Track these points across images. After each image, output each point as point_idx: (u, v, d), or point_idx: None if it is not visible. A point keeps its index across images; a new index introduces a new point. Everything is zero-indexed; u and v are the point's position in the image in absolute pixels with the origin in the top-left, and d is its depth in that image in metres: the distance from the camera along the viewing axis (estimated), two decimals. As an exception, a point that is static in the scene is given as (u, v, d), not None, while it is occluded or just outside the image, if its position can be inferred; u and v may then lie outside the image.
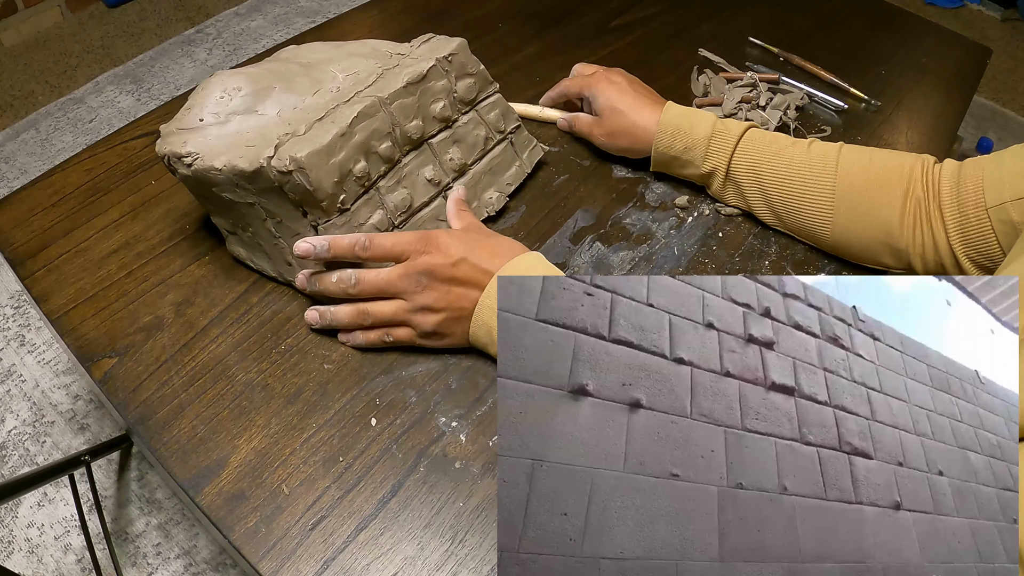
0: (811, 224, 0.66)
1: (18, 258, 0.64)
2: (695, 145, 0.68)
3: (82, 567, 1.09)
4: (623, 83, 0.72)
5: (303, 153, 0.53)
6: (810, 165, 0.65)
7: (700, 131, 0.67)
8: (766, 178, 0.66)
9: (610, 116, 0.71)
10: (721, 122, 0.68)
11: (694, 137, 0.68)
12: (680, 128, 0.68)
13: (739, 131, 0.67)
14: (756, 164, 0.67)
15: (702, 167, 0.69)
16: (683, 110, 0.69)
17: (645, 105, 0.70)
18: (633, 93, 0.71)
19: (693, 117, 0.68)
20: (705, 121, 0.68)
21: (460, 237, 0.56)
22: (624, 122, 0.70)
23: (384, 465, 0.52)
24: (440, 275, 0.54)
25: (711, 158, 0.68)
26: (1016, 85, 2.22)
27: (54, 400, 1.27)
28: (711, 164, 0.68)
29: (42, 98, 1.87)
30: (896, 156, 0.65)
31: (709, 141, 0.67)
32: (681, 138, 0.68)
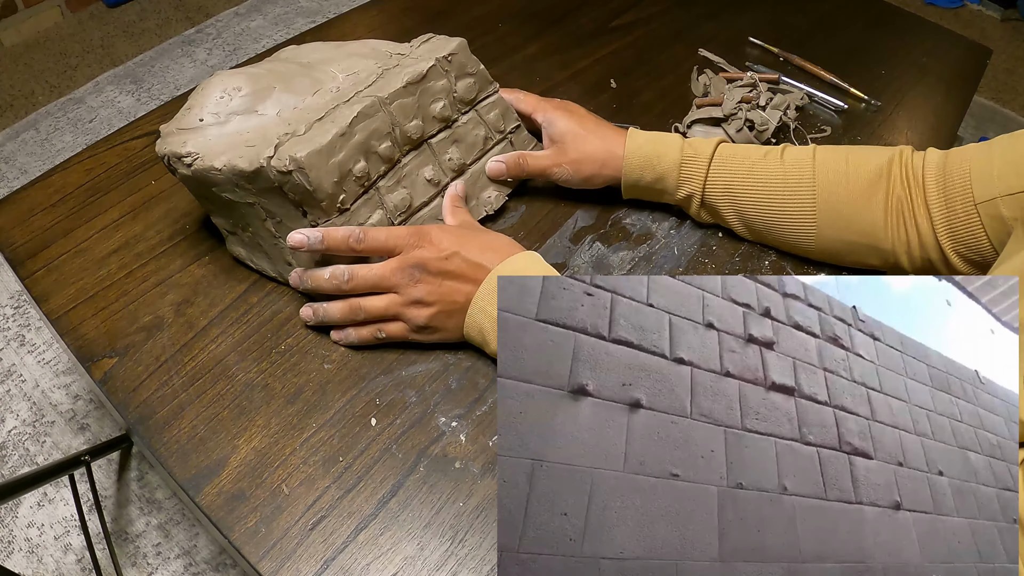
0: (793, 237, 0.65)
1: (18, 258, 0.64)
2: (666, 174, 0.65)
3: (82, 567, 1.09)
4: (582, 112, 0.69)
5: (303, 153, 0.53)
6: (786, 178, 0.63)
7: (669, 159, 0.65)
8: (742, 197, 0.65)
9: (573, 142, 0.66)
10: (688, 144, 0.65)
11: (664, 166, 0.65)
12: (648, 157, 0.65)
13: (708, 152, 0.65)
14: (730, 184, 0.65)
15: (676, 194, 0.67)
16: (648, 137, 0.66)
17: (607, 130, 0.67)
18: (594, 120, 0.68)
19: (659, 145, 0.65)
20: (672, 147, 0.65)
21: (453, 232, 0.56)
22: (589, 147, 0.66)
23: (384, 465, 0.52)
24: (432, 268, 0.54)
25: (684, 185, 0.66)
26: (1016, 85, 2.22)
27: (54, 400, 1.27)
28: (685, 191, 0.66)
29: (42, 98, 1.87)
30: (872, 154, 0.63)
31: (680, 168, 0.65)
32: (650, 168, 0.65)
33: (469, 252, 0.55)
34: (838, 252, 0.65)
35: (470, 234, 0.57)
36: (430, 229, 0.56)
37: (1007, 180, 0.55)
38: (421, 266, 0.54)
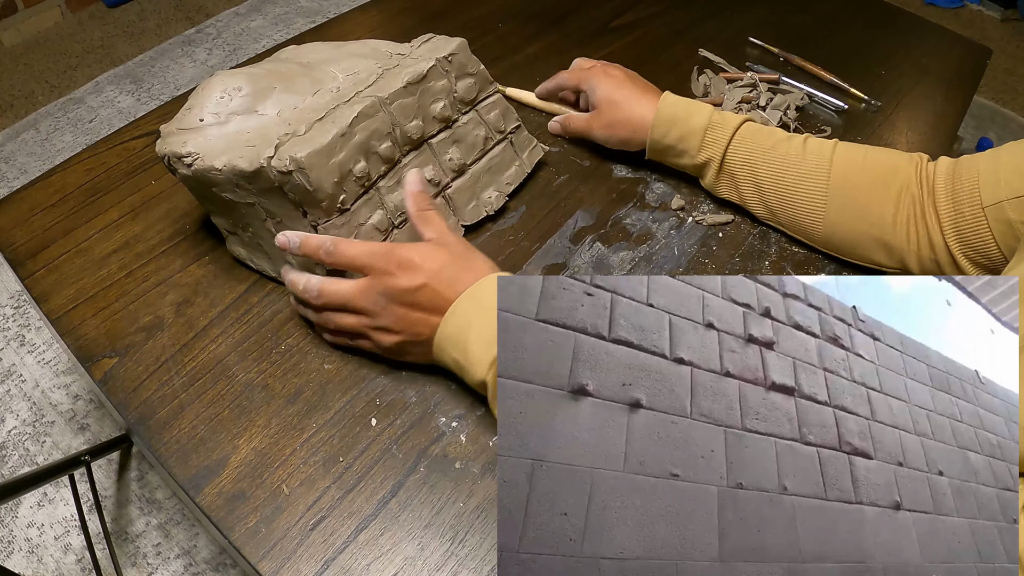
0: (803, 219, 0.66)
1: (18, 258, 0.64)
2: (691, 135, 0.68)
3: (82, 567, 1.09)
4: (621, 76, 0.72)
5: (303, 153, 0.53)
6: (804, 160, 0.65)
7: (697, 121, 0.67)
8: (760, 171, 0.66)
9: (608, 108, 0.71)
10: (718, 113, 0.68)
11: (690, 126, 0.68)
12: (677, 117, 0.68)
13: (735, 123, 0.67)
14: (750, 156, 0.67)
15: (697, 157, 0.69)
16: (681, 100, 0.69)
17: (643, 96, 0.70)
18: (631, 85, 0.71)
19: (691, 107, 0.68)
20: (702, 111, 0.68)
21: (427, 258, 0.52)
22: (621, 113, 0.70)
23: (384, 465, 0.52)
24: (400, 299, 0.52)
25: (706, 148, 0.68)
26: (1016, 85, 2.22)
27: (54, 400, 1.27)
28: (706, 154, 0.68)
29: (42, 98, 1.87)
30: (891, 154, 0.65)
31: (705, 131, 0.67)
32: (677, 127, 0.68)
33: (440, 283, 0.52)
34: (845, 242, 0.65)
35: (445, 261, 0.53)
36: (403, 254, 0.52)
37: (1013, 184, 0.56)
38: (388, 295, 0.52)
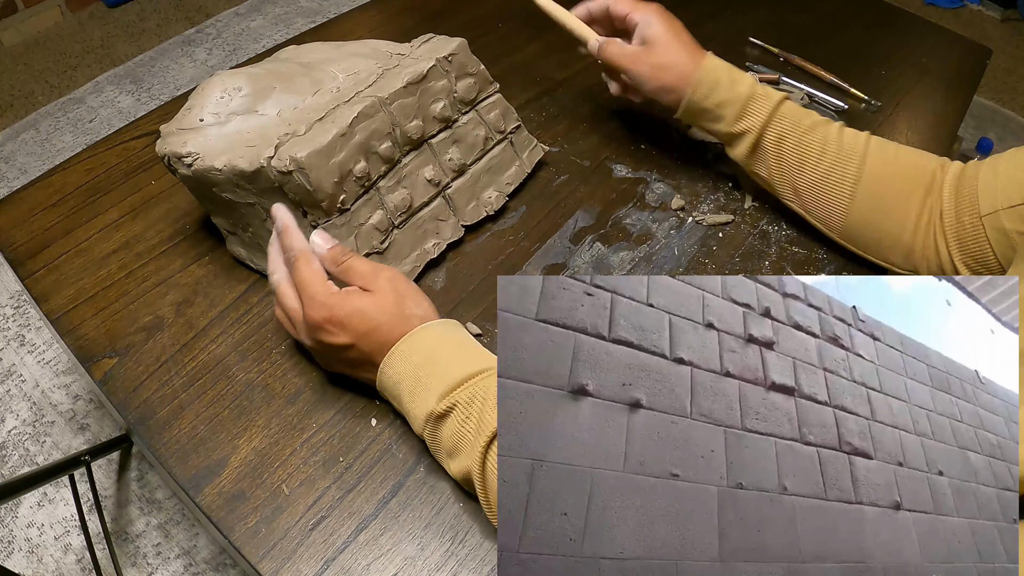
0: (828, 205, 0.65)
1: (18, 258, 0.64)
2: (732, 101, 0.65)
3: (82, 567, 1.09)
4: (678, 22, 0.68)
5: (303, 153, 0.53)
6: (840, 147, 0.63)
7: (741, 88, 0.64)
8: (793, 151, 0.64)
9: (663, 48, 0.66)
10: (761, 86, 0.66)
11: (734, 93, 0.64)
12: (720, 81, 0.65)
13: (777, 98, 0.65)
14: (786, 135, 0.64)
15: (734, 126, 0.65)
16: (725, 64, 0.66)
17: (696, 49, 0.66)
18: (686, 34, 0.67)
19: (735, 73, 0.66)
20: (745, 80, 0.65)
21: (359, 319, 0.50)
22: (674, 57, 0.65)
23: (384, 465, 0.52)
24: (326, 350, 0.52)
25: (746, 118, 0.65)
26: (1016, 85, 2.22)
27: (54, 400, 1.27)
28: (744, 125, 0.65)
29: (42, 98, 1.87)
30: (923, 155, 0.64)
31: (747, 101, 0.64)
32: (720, 91, 0.65)
33: (367, 345, 0.50)
34: (865, 236, 0.65)
35: (375, 320, 0.50)
36: (336, 312, 0.50)
37: (1009, 192, 0.56)
38: (318, 341, 0.52)
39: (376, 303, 0.50)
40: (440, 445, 0.49)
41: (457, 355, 0.50)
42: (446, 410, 0.47)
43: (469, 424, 0.46)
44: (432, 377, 0.49)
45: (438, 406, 0.47)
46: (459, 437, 0.47)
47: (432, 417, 0.48)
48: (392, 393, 0.51)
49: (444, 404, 0.47)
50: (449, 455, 0.49)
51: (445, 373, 0.48)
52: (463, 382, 0.48)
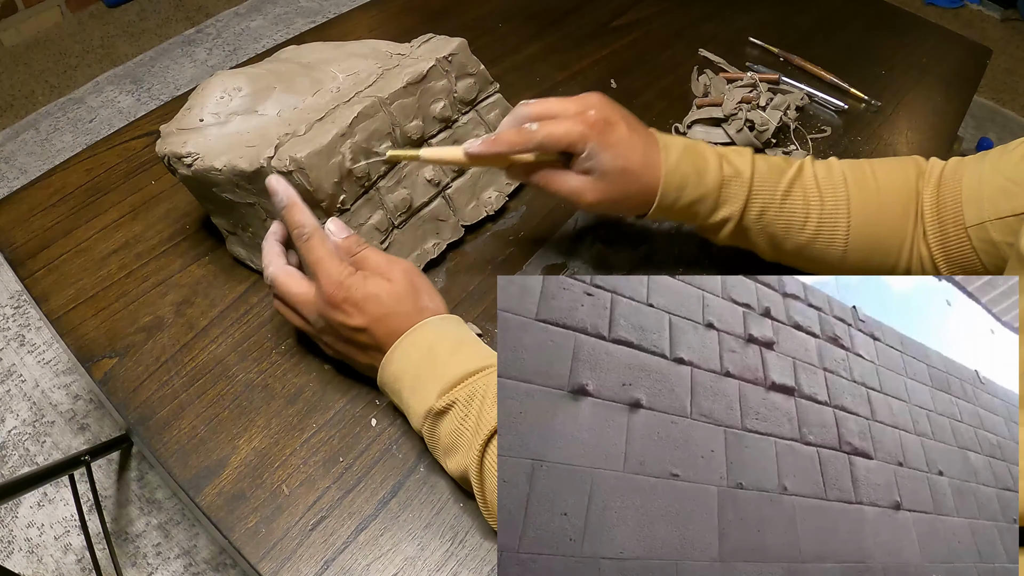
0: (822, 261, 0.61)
1: (18, 258, 0.64)
2: (704, 196, 0.57)
3: (82, 567, 1.09)
4: (624, 131, 0.55)
5: (303, 153, 0.53)
6: (821, 204, 0.58)
7: (709, 178, 0.57)
8: (777, 220, 0.59)
9: (619, 179, 0.55)
10: (727, 161, 0.58)
11: (704, 187, 0.57)
12: (687, 178, 0.56)
13: (748, 171, 0.57)
14: (767, 207, 0.58)
15: (710, 219, 0.58)
16: (685, 153, 0.57)
17: (649, 151, 0.56)
18: (634, 139, 0.56)
19: (697, 160, 0.57)
20: (710, 164, 0.57)
21: (374, 302, 0.50)
22: (635, 184, 0.56)
23: (384, 465, 0.52)
24: (338, 331, 0.51)
25: (722, 207, 0.58)
26: (1016, 85, 2.22)
27: (54, 400, 1.27)
28: (722, 214, 0.58)
29: (42, 98, 1.87)
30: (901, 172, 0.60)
31: (720, 189, 0.57)
32: (688, 190, 0.57)
33: (379, 329, 0.50)
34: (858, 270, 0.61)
35: (389, 306, 0.50)
36: (353, 292, 0.50)
37: (996, 203, 0.54)
38: (329, 323, 0.51)
39: (392, 290, 0.51)
40: (438, 442, 0.49)
41: (457, 352, 0.50)
42: (445, 407, 0.47)
43: (468, 422, 0.46)
44: (432, 373, 0.49)
45: (437, 403, 0.47)
46: (457, 435, 0.47)
47: (431, 414, 0.48)
48: (393, 389, 0.51)
49: (443, 401, 0.47)
50: (447, 453, 0.49)
51: (445, 369, 0.48)
52: (463, 379, 0.48)
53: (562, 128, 0.54)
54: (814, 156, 0.81)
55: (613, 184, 0.56)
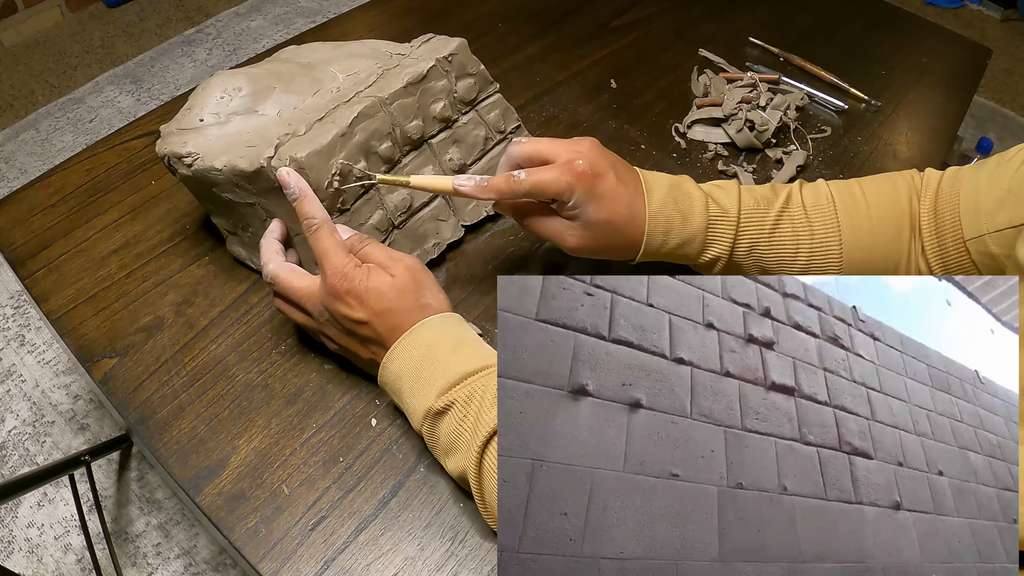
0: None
1: (18, 258, 0.64)
2: (690, 239, 0.56)
3: (82, 567, 1.09)
4: (611, 177, 0.54)
5: (303, 153, 0.53)
6: (812, 235, 0.58)
7: (694, 221, 0.56)
8: (767, 253, 0.58)
9: (603, 229, 0.55)
10: (712, 200, 0.57)
11: (689, 229, 0.56)
12: (671, 223, 0.56)
13: (734, 208, 0.57)
14: (756, 242, 0.58)
15: (700, 259, 0.58)
16: (667, 192, 0.56)
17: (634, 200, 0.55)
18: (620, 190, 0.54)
19: (682, 202, 0.56)
20: (695, 206, 0.56)
21: (377, 297, 0.50)
22: (619, 236, 0.55)
23: (384, 465, 0.52)
24: (340, 323, 0.51)
25: (710, 248, 0.57)
26: (1016, 85, 2.22)
27: (54, 400, 1.27)
28: (711, 255, 0.57)
29: (42, 98, 1.87)
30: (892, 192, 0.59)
31: (706, 231, 0.56)
32: (673, 234, 0.56)
33: (381, 324, 0.50)
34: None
35: (392, 301, 0.50)
36: (357, 284, 0.50)
37: (994, 216, 0.53)
38: (332, 315, 0.51)
39: (395, 285, 0.51)
40: (437, 442, 0.49)
41: (457, 351, 0.50)
42: (444, 407, 0.47)
43: (467, 422, 0.46)
44: (432, 373, 0.48)
45: (436, 403, 0.47)
46: (456, 435, 0.47)
47: (430, 414, 0.48)
48: (393, 388, 0.51)
49: (442, 401, 0.47)
50: (446, 453, 0.49)
51: (445, 369, 0.48)
52: (462, 379, 0.48)
53: (549, 176, 0.53)
54: (814, 156, 0.81)
55: (597, 233, 0.55)
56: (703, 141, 0.81)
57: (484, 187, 0.54)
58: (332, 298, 0.50)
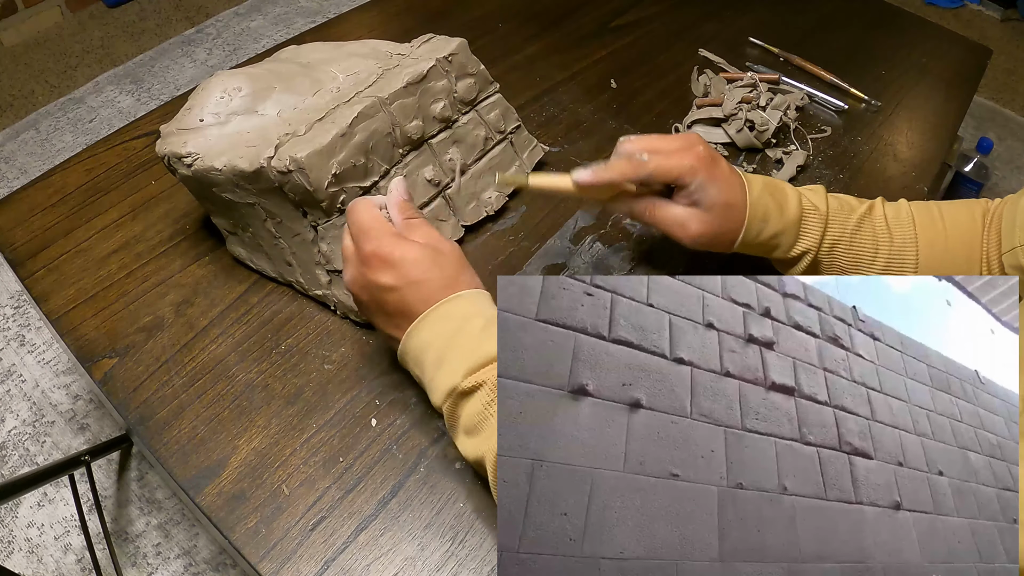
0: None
1: (18, 258, 0.64)
2: (785, 229, 0.58)
3: (82, 567, 1.09)
4: (724, 163, 0.58)
5: (303, 153, 0.53)
6: (891, 243, 0.60)
7: (790, 212, 0.58)
8: (848, 257, 0.60)
9: (724, 212, 0.57)
10: (804, 197, 0.59)
11: (785, 220, 0.58)
12: (769, 212, 0.58)
13: (824, 206, 0.59)
14: (838, 243, 0.60)
15: (791, 252, 0.60)
16: (763, 186, 0.59)
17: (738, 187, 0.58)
18: (736, 176, 0.58)
19: (778, 194, 0.59)
20: (790, 200, 0.59)
21: (413, 264, 0.49)
22: (736, 219, 0.57)
23: (384, 465, 0.52)
24: (369, 288, 0.50)
25: (802, 240, 0.59)
26: (1016, 85, 2.22)
27: (54, 400, 1.27)
28: (802, 247, 0.59)
29: (42, 98, 1.87)
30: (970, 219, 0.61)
31: (800, 223, 0.59)
32: (771, 223, 0.58)
33: (411, 293, 0.49)
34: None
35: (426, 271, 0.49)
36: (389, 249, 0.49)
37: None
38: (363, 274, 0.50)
39: (434, 259, 0.49)
40: (458, 422, 0.47)
41: (489, 329, 0.47)
42: (471, 388, 0.45)
43: (493, 407, 0.45)
44: (461, 349, 0.47)
45: (464, 382, 0.46)
46: (482, 419, 0.45)
47: (455, 392, 0.46)
48: (415, 359, 0.49)
49: (471, 381, 0.45)
50: (467, 433, 0.47)
51: (476, 348, 0.46)
52: (492, 360, 0.46)
53: (673, 160, 0.55)
54: (814, 156, 0.81)
55: (717, 217, 0.57)
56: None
57: (606, 168, 0.56)
58: (363, 260, 0.49)
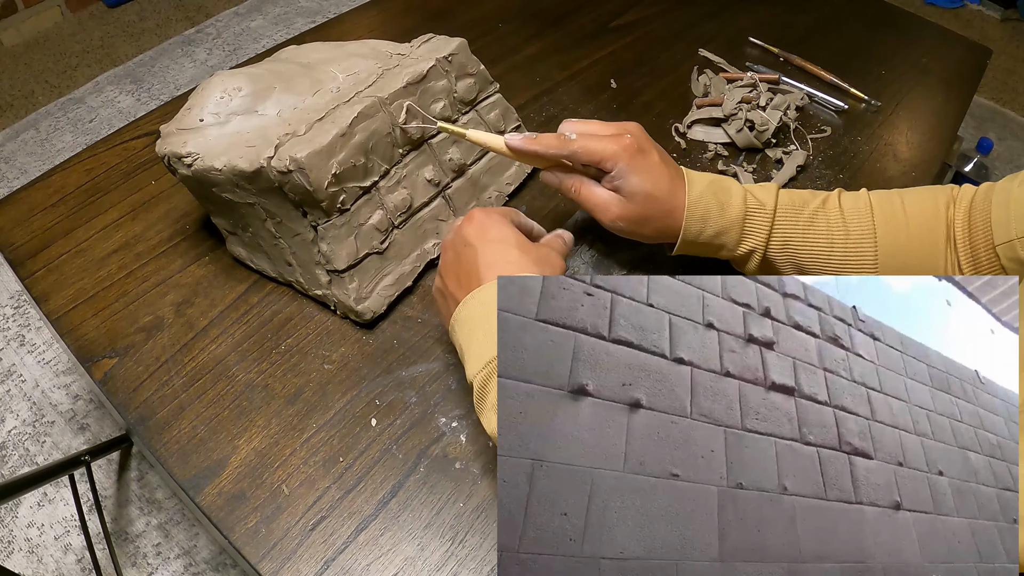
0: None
1: (18, 258, 0.64)
2: (728, 228, 0.58)
3: (82, 567, 1.09)
4: (655, 158, 0.58)
5: (303, 153, 0.53)
6: (846, 233, 0.59)
7: (732, 211, 0.58)
8: (802, 253, 0.60)
9: (644, 202, 0.57)
10: (751, 195, 0.59)
11: (727, 219, 0.58)
12: (709, 211, 0.58)
13: (771, 202, 0.59)
14: (791, 237, 0.59)
15: (737, 251, 0.60)
16: (707, 185, 0.59)
17: (675, 183, 0.58)
18: (663, 168, 0.58)
19: (721, 193, 0.58)
20: (733, 198, 0.58)
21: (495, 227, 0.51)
22: (659, 210, 0.57)
23: (384, 465, 0.52)
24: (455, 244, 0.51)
25: (747, 239, 0.59)
26: (1016, 85, 2.22)
27: (54, 400, 1.27)
28: (747, 246, 0.59)
29: (42, 98, 1.87)
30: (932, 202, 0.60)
31: (743, 222, 0.58)
32: (711, 222, 0.58)
33: (482, 255, 0.49)
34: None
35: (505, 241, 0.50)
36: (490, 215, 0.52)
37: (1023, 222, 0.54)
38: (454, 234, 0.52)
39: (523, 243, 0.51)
40: (488, 396, 0.46)
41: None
42: None
43: None
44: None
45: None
46: None
47: (492, 364, 0.46)
48: (466, 325, 0.48)
49: None
50: (495, 409, 0.45)
51: None
52: None
53: (598, 144, 0.57)
54: (814, 156, 0.81)
55: (638, 206, 0.58)
56: (703, 141, 0.81)
57: (534, 139, 0.58)
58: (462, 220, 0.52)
